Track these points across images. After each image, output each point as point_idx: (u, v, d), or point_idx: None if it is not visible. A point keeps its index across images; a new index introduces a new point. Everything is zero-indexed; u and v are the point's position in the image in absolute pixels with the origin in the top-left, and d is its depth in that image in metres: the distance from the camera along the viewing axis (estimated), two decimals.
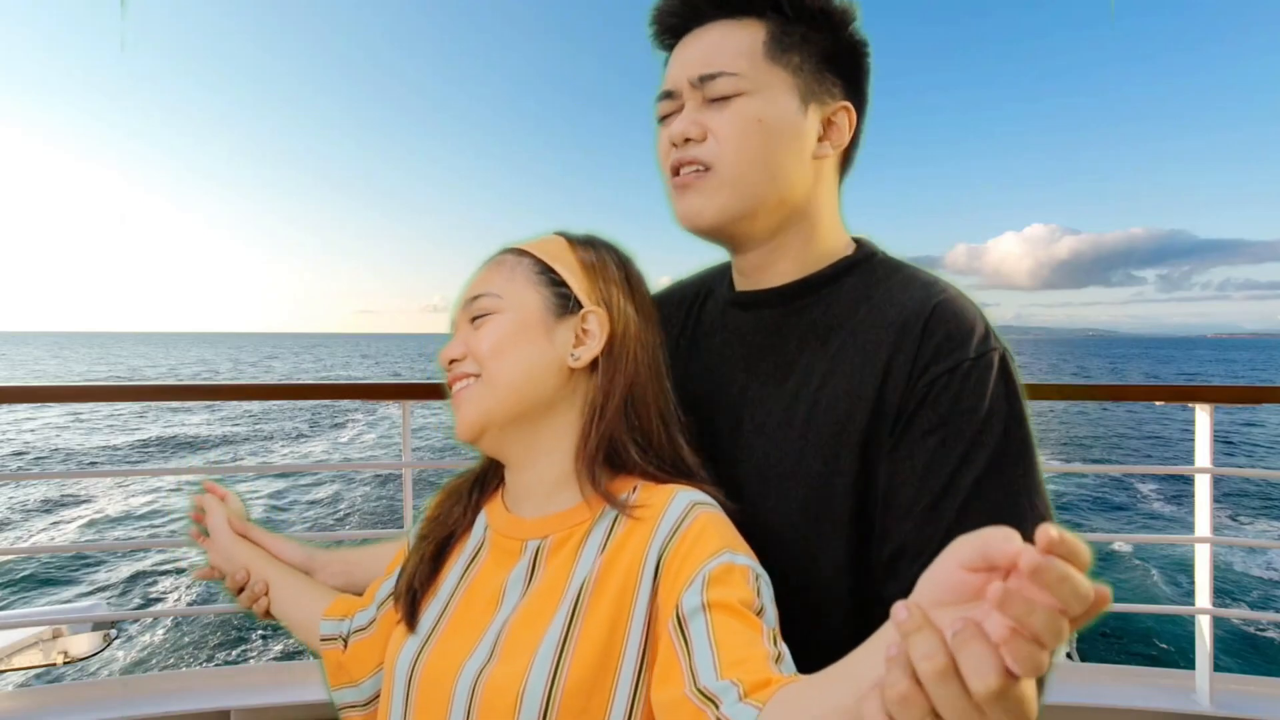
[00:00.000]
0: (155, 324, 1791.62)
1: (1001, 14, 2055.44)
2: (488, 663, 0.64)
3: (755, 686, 0.51)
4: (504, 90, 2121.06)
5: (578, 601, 0.65)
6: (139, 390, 1.97)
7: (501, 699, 0.61)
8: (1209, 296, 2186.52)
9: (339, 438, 23.57)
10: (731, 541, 0.64)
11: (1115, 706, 1.74)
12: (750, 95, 0.72)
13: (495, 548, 0.74)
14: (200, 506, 0.97)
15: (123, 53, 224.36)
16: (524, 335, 0.71)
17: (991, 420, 0.66)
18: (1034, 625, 0.29)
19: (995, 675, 0.30)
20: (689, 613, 0.58)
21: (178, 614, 8.93)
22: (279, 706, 1.70)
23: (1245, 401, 1.95)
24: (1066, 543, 0.30)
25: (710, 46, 0.74)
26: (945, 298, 0.71)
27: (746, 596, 0.59)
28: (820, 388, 0.73)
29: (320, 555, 0.94)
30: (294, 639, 0.88)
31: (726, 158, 0.72)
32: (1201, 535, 1.80)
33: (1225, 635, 7.95)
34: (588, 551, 0.68)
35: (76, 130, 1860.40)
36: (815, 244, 0.79)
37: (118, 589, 9.58)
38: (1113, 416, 31.04)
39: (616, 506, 0.68)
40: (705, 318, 0.88)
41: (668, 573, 0.63)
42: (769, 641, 0.56)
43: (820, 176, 0.77)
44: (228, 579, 0.91)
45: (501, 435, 0.72)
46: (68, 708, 1.65)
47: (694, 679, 0.54)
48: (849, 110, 0.77)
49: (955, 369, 0.67)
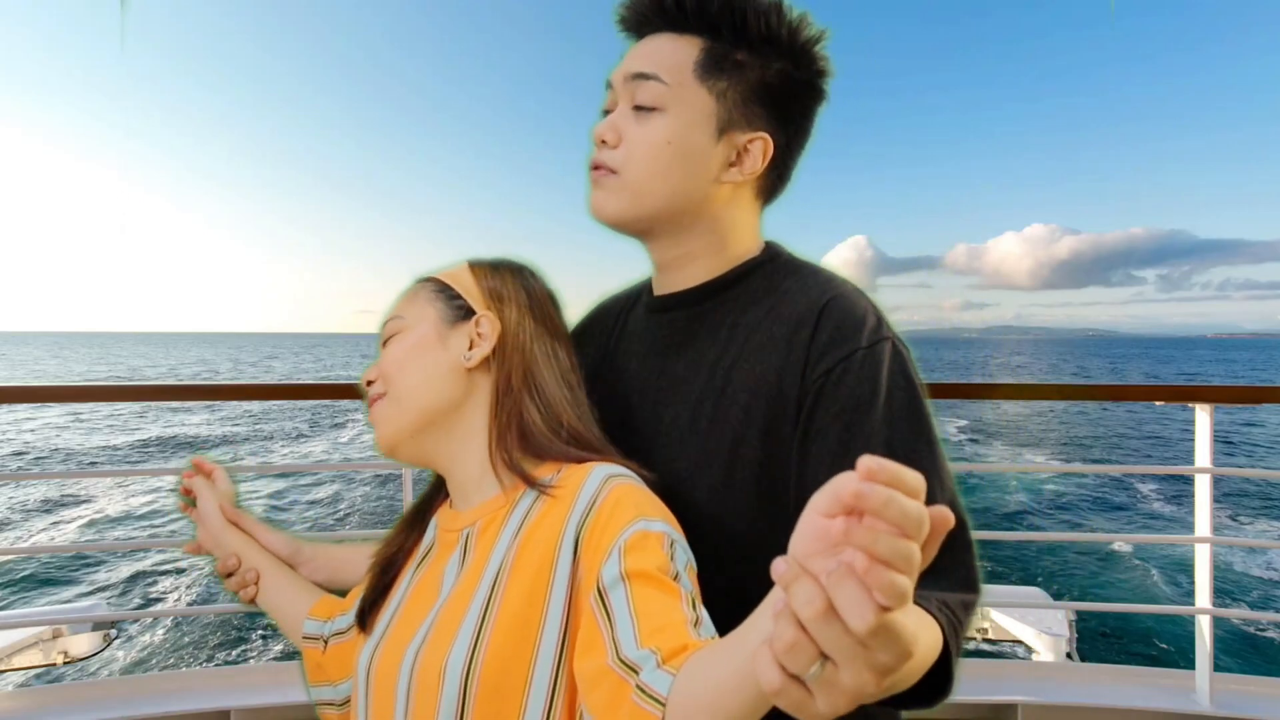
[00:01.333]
0: (155, 324, 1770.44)
1: (1001, 14, 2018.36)
2: (423, 645, 0.68)
3: (673, 653, 0.53)
4: (504, 90, 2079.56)
5: (496, 579, 0.68)
6: (139, 390, 1.97)
7: (429, 676, 0.65)
8: (1209, 296, 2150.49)
9: (339, 438, 23.59)
10: (646, 509, 0.66)
11: (1115, 706, 1.74)
12: (667, 113, 0.77)
13: (441, 544, 0.78)
14: (188, 486, 0.97)
15: (123, 53, 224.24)
16: (420, 347, 0.77)
17: (890, 402, 0.69)
18: (881, 551, 0.31)
19: (870, 608, 0.32)
20: (609, 584, 0.60)
21: (178, 614, 8.93)
22: (279, 706, 1.70)
23: (1245, 401, 1.95)
24: (886, 469, 0.32)
25: (651, 51, 0.78)
26: (838, 294, 0.75)
27: (662, 562, 0.61)
28: (722, 389, 0.76)
29: (306, 550, 0.96)
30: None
31: (631, 169, 0.78)
32: (1201, 535, 1.80)
33: (1225, 635, 7.96)
34: (507, 532, 0.71)
35: (76, 130, 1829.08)
36: (725, 251, 0.83)
37: (118, 589, 9.59)
38: (1113, 416, 31.06)
39: (533, 486, 0.72)
40: (629, 324, 0.92)
41: (587, 546, 0.65)
42: (687, 606, 0.59)
43: (733, 198, 0.81)
44: (218, 562, 0.93)
45: (416, 444, 0.77)
46: (68, 708, 1.65)
47: (616, 650, 0.56)
48: (765, 140, 0.79)
49: (849, 358, 0.70)
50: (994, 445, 23.48)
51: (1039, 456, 22.26)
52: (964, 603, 0.64)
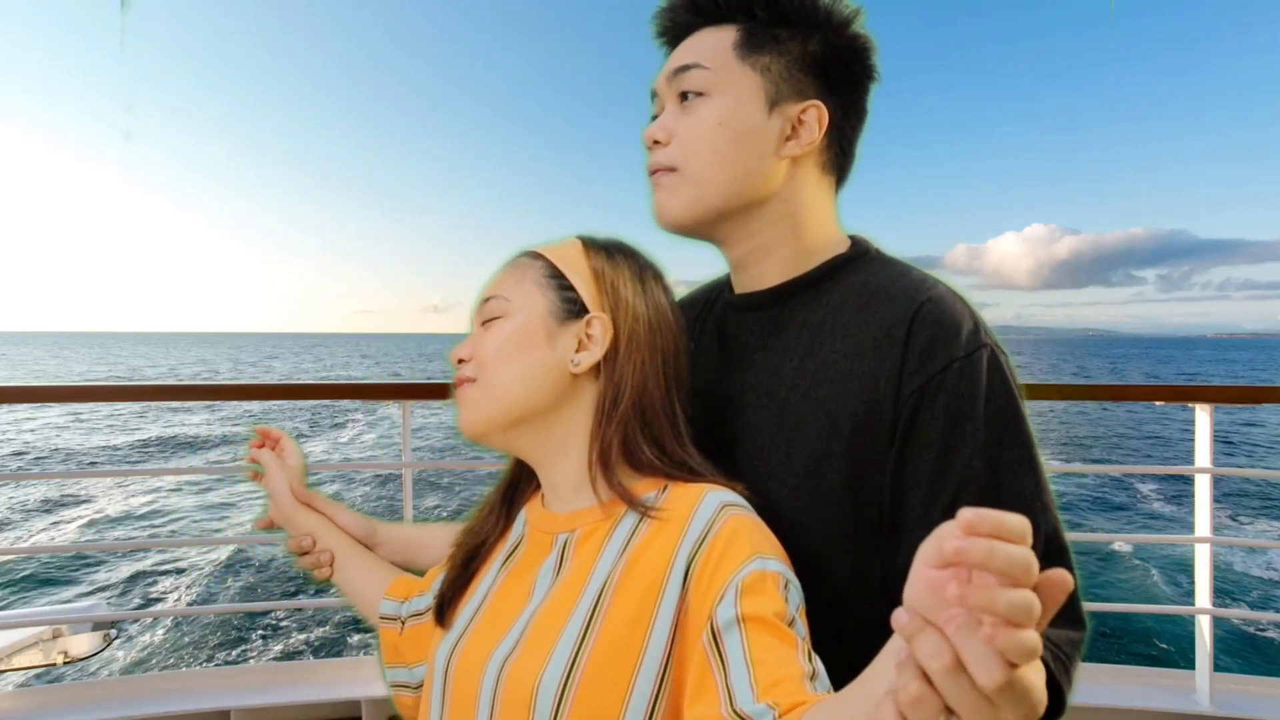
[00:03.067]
0: (155, 324, 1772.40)
1: (1001, 14, 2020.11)
2: (512, 653, 0.65)
3: (791, 708, 0.51)
4: (504, 90, 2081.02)
5: (599, 598, 0.65)
6: (139, 390, 1.97)
7: (521, 689, 0.62)
8: (1209, 296, 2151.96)
9: (339, 438, 23.57)
10: (762, 546, 0.63)
11: (1115, 706, 1.74)
12: (713, 96, 0.75)
13: (531, 542, 0.75)
14: (255, 457, 0.94)
15: (122, 53, 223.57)
16: (526, 340, 0.72)
17: (990, 419, 0.66)
18: (1000, 609, 0.30)
19: (999, 666, 0.31)
20: (724, 626, 0.58)
21: (178, 614, 8.93)
22: (279, 706, 1.70)
23: (1245, 401, 1.95)
24: (987, 520, 0.31)
25: (690, 45, 0.78)
26: (932, 296, 0.71)
27: (780, 607, 0.58)
28: (807, 393, 0.73)
29: (382, 530, 0.94)
30: (293, 640, 0.88)
31: (689, 159, 0.76)
32: (1201, 535, 1.80)
33: (1225, 635, 7.95)
34: (611, 547, 0.68)
35: (76, 130, 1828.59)
36: (802, 242, 0.79)
37: (118, 589, 9.58)
38: (1113, 416, 31.04)
39: (634, 507, 0.68)
40: (710, 323, 0.89)
41: (700, 579, 0.62)
42: (804, 657, 0.56)
43: (796, 175, 0.78)
44: (290, 541, 0.91)
45: (506, 437, 0.74)
46: (68, 708, 1.65)
47: (730, 700, 0.54)
48: (819, 108, 0.76)
49: (946, 369, 0.66)
50: None
51: (1039, 451, 22.20)
52: (1072, 640, 0.62)
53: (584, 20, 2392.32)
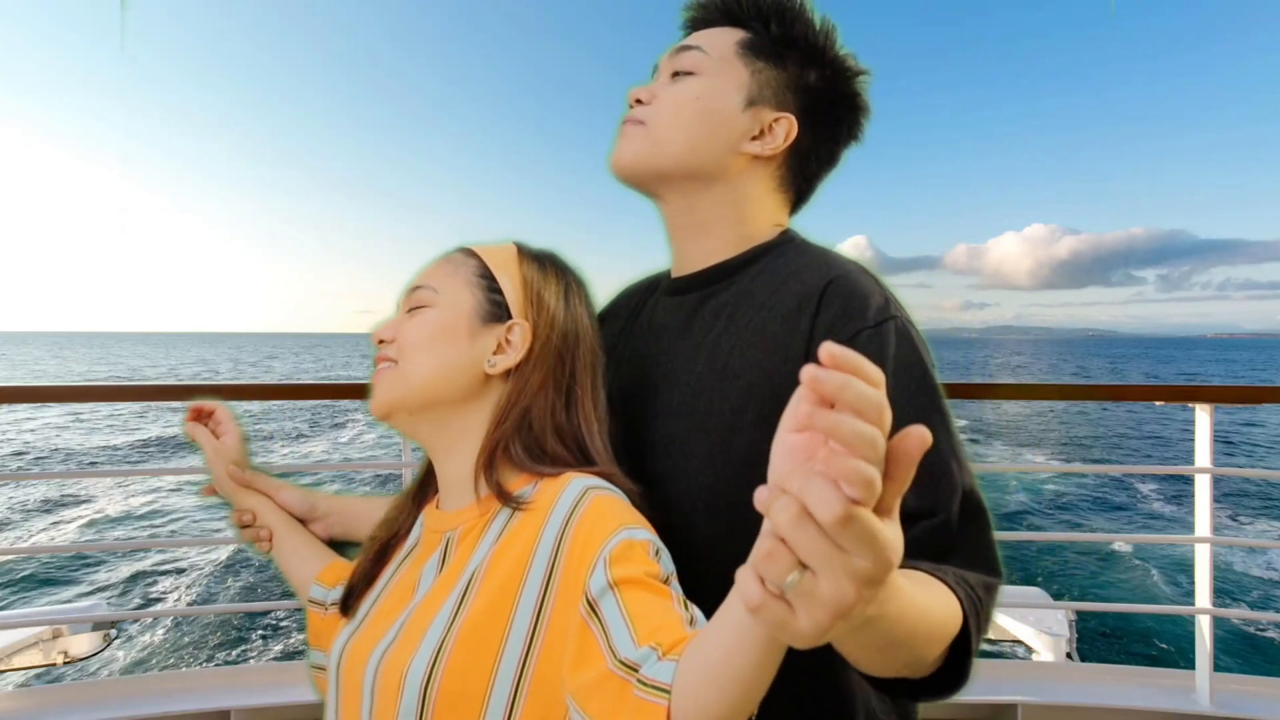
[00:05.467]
0: (155, 324, 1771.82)
1: (1001, 14, 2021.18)
2: (390, 646, 0.67)
3: (673, 645, 0.53)
4: (504, 90, 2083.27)
5: (467, 588, 0.67)
6: (139, 390, 1.97)
7: (391, 680, 0.65)
8: (1209, 296, 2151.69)
9: (339, 438, 23.58)
10: (627, 518, 0.65)
11: (1115, 706, 1.74)
12: (701, 77, 0.81)
13: (424, 542, 0.78)
14: (191, 435, 0.94)
15: (122, 53, 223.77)
16: (447, 334, 0.74)
17: (897, 382, 0.67)
18: (844, 434, 0.31)
19: (836, 499, 0.31)
20: (597, 594, 0.59)
21: (178, 614, 8.93)
22: (279, 706, 1.70)
23: (1245, 401, 1.95)
24: (848, 357, 0.33)
25: (700, 33, 0.84)
26: (842, 273, 0.74)
27: (652, 569, 0.60)
28: (724, 367, 0.76)
29: (321, 505, 0.95)
30: (294, 640, 0.88)
31: (657, 119, 0.81)
32: (1201, 535, 1.80)
33: (1225, 635, 7.96)
34: (485, 541, 0.71)
35: (76, 130, 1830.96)
36: (742, 229, 0.83)
37: (118, 589, 9.59)
38: (1113, 416, 31.05)
39: (508, 503, 0.71)
40: (644, 309, 0.92)
41: (570, 558, 0.64)
42: (680, 606, 0.58)
43: (751, 173, 0.82)
44: (233, 514, 0.93)
45: (411, 421, 0.76)
46: (68, 708, 1.65)
47: (613, 654, 0.55)
48: (790, 122, 0.81)
49: (854, 338, 0.68)
50: (994, 445, 23.46)
51: (1039, 456, 22.25)
52: (985, 584, 0.62)
53: (584, 20, 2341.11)
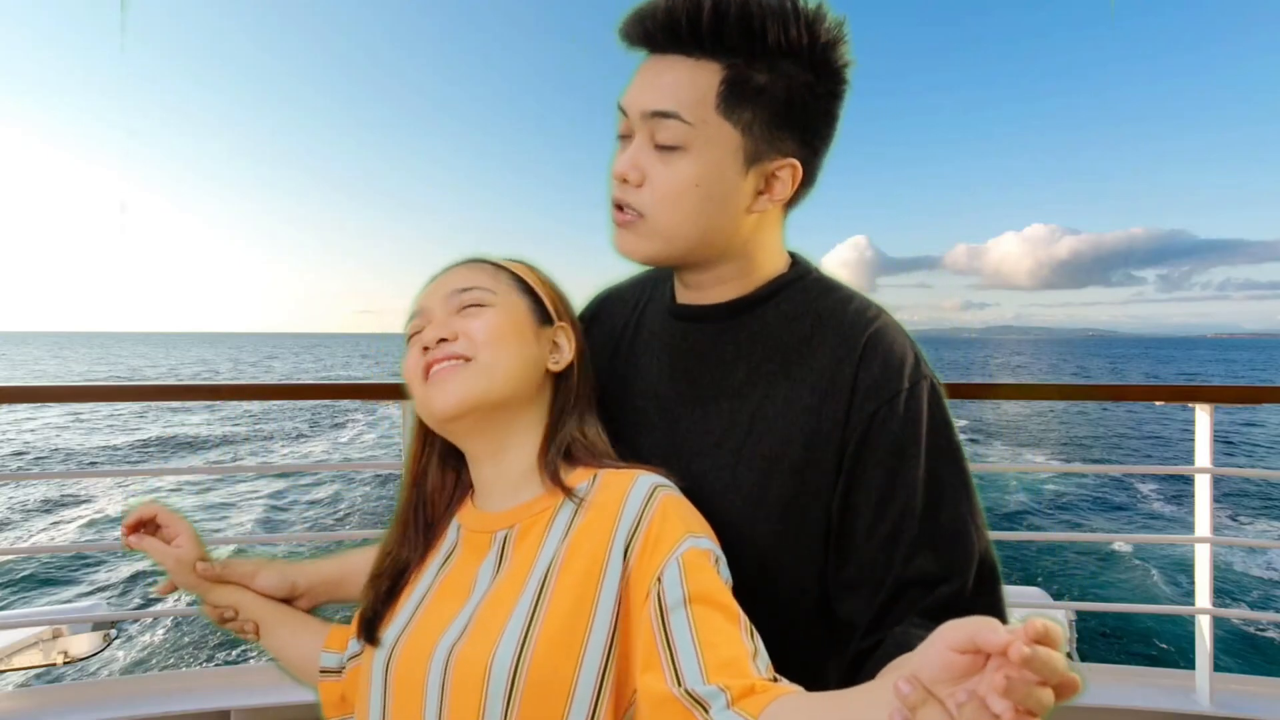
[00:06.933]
0: (155, 324, 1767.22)
1: (1001, 14, 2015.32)
2: (458, 641, 0.67)
3: (742, 693, 0.56)
4: (504, 90, 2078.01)
5: (544, 582, 0.68)
6: (139, 390, 1.98)
7: (472, 672, 0.64)
8: (1209, 296, 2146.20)
9: (339, 438, 23.58)
10: (693, 524, 0.69)
11: (1115, 706, 1.74)
12: (691, 152, 0.72)
13: (467, 545, 0.77)
14: (135, 547, 0.84)
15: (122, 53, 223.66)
16: (517, 331, 0.76)
17: (932, 446, 0.73)
18: (1029, 703, 0.35)
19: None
20: (671, 605, 0.62)
21: (178, 614, 8.91)
22: (279, 706, 1.70)
23: (1245, 401, 1.95)
24: (1049, 632, 0.36)
25: (669, 85, 0.72)
26: (879, 328, 0.77)
27: (720, 585, 0.64)
28: (756, 412, 0.77)
29: (302, 580, 0.90)
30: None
31: (660, 213, 0.75)
32: (1201, 535, 1.80)
33: (1225, 635, 7.95)
34: (553, 536, 0.71)
35: (76, 130, 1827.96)
36: (755, 271, 0.82)
37: (118, 589, 9.59)
38: (1113, 416, 31.05)
39: (570, 497, 0.73)
40: (645, 324, 0.90)
41: (641, 556, 0.66)
42: (746, 636, 0.62)
43: (762, 223, 0.79)
44: (210, 611, 0.88)
45: (479, 421, 0.74)
46: (68, 708, 1.66)
47: (679, 678, 0.58)
48: (794, 167, 0.75)
49: (894, 400, 0.73)
50: (994, 445, 23.46)
51: (1039, 456, 22.24)
52: None
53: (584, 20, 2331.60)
